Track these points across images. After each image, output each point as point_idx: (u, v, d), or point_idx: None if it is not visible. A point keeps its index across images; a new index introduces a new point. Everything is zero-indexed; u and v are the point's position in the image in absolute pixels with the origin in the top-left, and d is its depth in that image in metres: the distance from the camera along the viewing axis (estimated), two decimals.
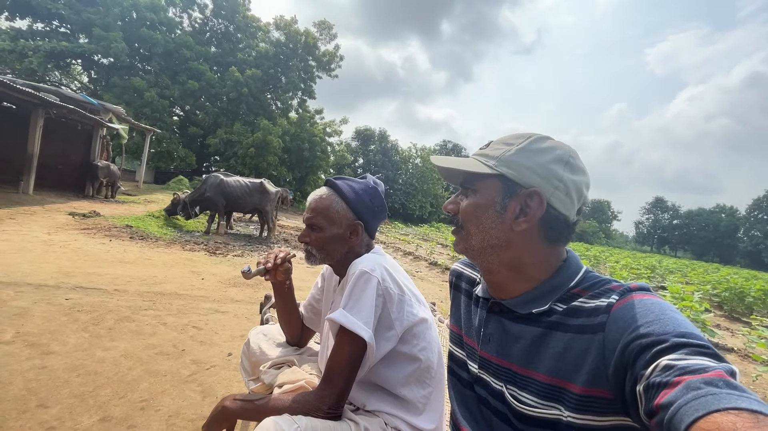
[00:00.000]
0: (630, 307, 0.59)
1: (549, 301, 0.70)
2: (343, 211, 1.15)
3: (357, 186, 1.18)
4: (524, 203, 0.70)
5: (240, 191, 8.77)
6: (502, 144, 0.74)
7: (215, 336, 2.92)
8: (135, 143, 19.96)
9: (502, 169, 0.71)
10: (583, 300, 0.67)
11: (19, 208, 7.59)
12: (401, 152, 40.05)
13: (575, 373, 0.62)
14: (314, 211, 1.16)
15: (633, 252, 40.30)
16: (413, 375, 1.09)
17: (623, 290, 0.64)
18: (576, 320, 0.65)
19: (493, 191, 0.72)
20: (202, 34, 26.73)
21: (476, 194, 0.75)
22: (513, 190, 0.71)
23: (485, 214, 0.73)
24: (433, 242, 14.09)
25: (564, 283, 0.71)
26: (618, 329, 0.58)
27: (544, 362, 0.67)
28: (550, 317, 0.69)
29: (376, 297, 1.01)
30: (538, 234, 0.72)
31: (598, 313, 0.63)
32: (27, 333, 2.48)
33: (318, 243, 1.16)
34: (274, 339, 1.45)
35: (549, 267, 0.73)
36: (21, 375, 2.00)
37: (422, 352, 1.09)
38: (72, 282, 3.66)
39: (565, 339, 0.65)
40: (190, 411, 1.90)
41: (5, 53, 18.70)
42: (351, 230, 1.16)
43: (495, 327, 0.78)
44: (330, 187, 1.18)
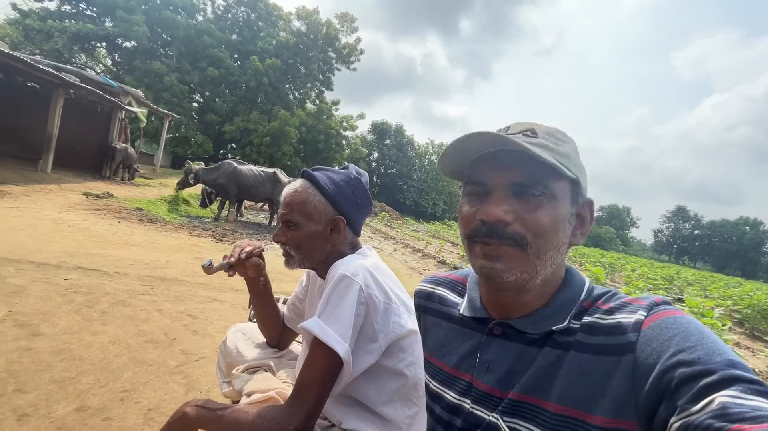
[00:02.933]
0: (664, 326, 0.50)
1: (567, 316, 0.58)
2: (321, 206, 1.02)
3: (337, 177, 1.05)
4: (578, 214, 0.61)
5: (253, 180, 8.74)
6: (556, 138, 0.59)
7: (209, 326, 2.85)
8: (154, 127, 20.26)
9: (578, 173, 0.58)
10: (599, 316, 0.56)
11: (36, 185, 7.72)
12: (417, 147, 39.72)
13: (594, 402, 0.51)
14: (289, 206, 1.03)
15: (650, 261, 39.24)
16: (398, 392, 0.97)
17: (650, 304, 0.54)
18: (593, 338, 0.54)
19: (567, 198, 0.59)
20: (224, 20, 26.91)
21: (554, 201, 0.56)
22: (578, 199, 0.60)
23: (563, 227, 0.58)
24: (443, 240, 13.91)
25: (575, 296, 0.60)
26: (653, 352, 0.48)
27: (555, 389, 0.54)
28: (568, 336, 0.57)
29: (357, 306, 0.89)
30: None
31: (624, 331, 0.52)
32: (19, 313, 2.44)
33: (295, 242, 1.03)
34: (253, 339, 1.34)
35: (557, 278, 0.63)
36: (4, 356, 1.96)
37: (409, 368, 0.97)
38: (74, 263, 3.65)
39: (582, 361, 0.53)
40: (171, 405, 1.81)
41: (34, 32, 19.15)
42: (332, 226, 1.03)
43: (496, 353, 0.63)
44: (306, 179, 1.05)
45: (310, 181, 1.05)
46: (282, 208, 1.05)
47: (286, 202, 1.04)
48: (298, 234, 1.02)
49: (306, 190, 1.03)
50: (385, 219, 19.46)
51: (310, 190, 1.03)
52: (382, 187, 37.93)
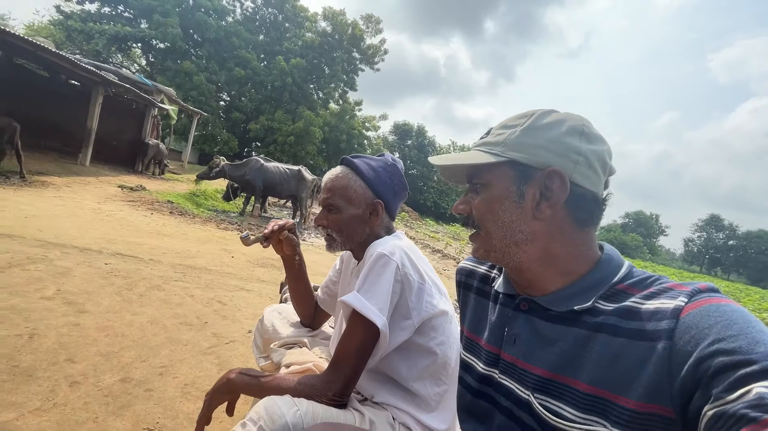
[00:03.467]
0: (705, 314, 0.49)
1: (592, 297, 0.60)
2: (361, 190, 1.08)
3: (375, 163, 1.11)
4: (543, 186, 0.62)
5: (278, 177, 8.95)
6: (503, 128, 0.66)
7: (238, 312, 2.97)
8: (182, 125, 20.97)
9: (510, 154, 0.63)
10: (636, 300, 0.56)
11: (76, 177, 8.16)
12: (438, 149, 39.53)
13: (627, 385, 0.52)
14: (331, 191, 1.10)
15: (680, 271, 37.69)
16: (428, 370, 1.01)
17: (692, 291, 0.53)
18: (629, 323, 0.55)
19: (506, 180, 0.64)
20: (252, 22, 27.56)
21: (487, 188, 0.66)
22: (528, 175, 0.63)
23: (502, 206, 0.65)
24: (464, 241, 13.83)
25: (607, 278, 0.61)
26: (691, 339, 0.48)
27: (585, 369, 0.57)
28: (596, 317, 0.58)
29: (394, 283, 0.94)
30: (566, 218, 0.63)
31: (661, 317, 0.52)
32: (66, 292, 2.62)
33: (336, 225, 1.09)
34: (288, 318, 1.41)
35: (586, 258, 0.64)
36: (56, 329, 2.11)
37: (440, 347, 1.01)
38: (113, 249, 3.86)
39: (615, 345, 0.55)
40: (206, 382, 1.92)
41: (75, 33, 20.18)
42: (371, 210, 1.09)
43: (522, 326, 0.67)
44: (346, 165, 1.12)
45: (350, 167, 1.11)
46: (323, 193, 1.12)
47: (328, 187, 1.10)
48: (340, 218, 1.08)
49: (347, 175, 1.09)
50: (405, 220, 19.47)
51: (350, 175, 1.09)
52: None
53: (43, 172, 7.69)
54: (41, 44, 7.90)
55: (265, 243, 1.20)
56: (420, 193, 36.89)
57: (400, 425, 0.98)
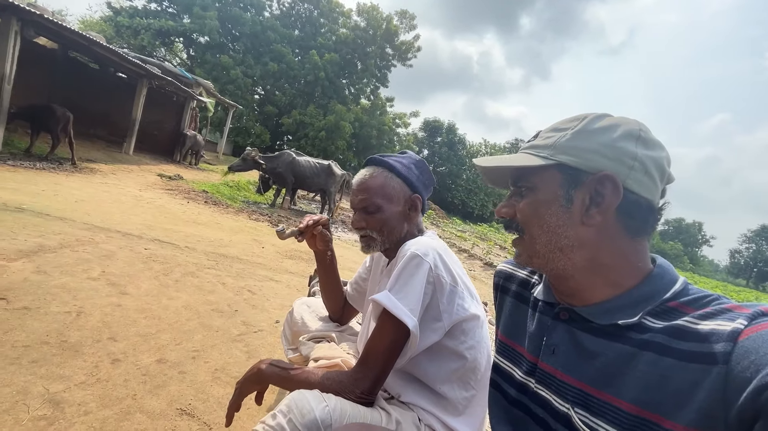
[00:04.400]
0: (767, 339, 0.45)
1: (638, 313, 0.57)
2: (399, 186, 1.08)
3: (405, 160, 1.12)
4: (594, 191, 0.59)
5: (309, 171, 9.10)
6: (553, 131, 0.64)
7: (266, 302, 3.05)
8: (218, 117, 21.69)
9: (560, 157, 0.61)
10: (689, 320, 0.53)
11: (121, 165, 8.63)
12: (469, 147, 38.88)
13: (676, 408, 0.49)
14: (367, 192, 1.08)
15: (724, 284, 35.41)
16: (456, 373, 1.00)
17: (754, 314, 0.49)
18: (680, 343, 0.51)
19: (554, 184, 0.62)
20: (288, 17, 28.02)
21: (534, 191, 0.65)
22: (578, 179, 0.61)
23: (548, 210, 0.63)
24: (491, 242, 13.57)
25: (657, 293, 0.57)
26: (750, 365, 0.44)
27: (630, 388, 0.54)
28: (642, 334, 0.55)
29: (426, 284, 0.93)
30: (616, 226, 0.60)
31: (717, 340, 0.48)
32: (110, 274, 2.78)
33: (377, 225, 1.08)
34: (317, 312, 1.44)
35: (636, 270, 0.60)
36: (100, 309, 2.24)
37: (469, 351, 0.99)
38: (152, 235, 4.05)
39: (663, 365, 0.52)
40: (235, 368, 1.98)
41: (123, 29, 21.26)
42: (410, 205, 1.09)
43: (562, 337, 0.65)
44: (377, 165, 1.11)
45: (381, 166, 1.11)
46: (358, 195, 1.10)
47: (363, 188, 1.09)
48: (381, 217, 1.07)
49: (381, 173, 1.09)
50: (432, 218, 19.32)
51: (385, 173, 1.09)
52: None
53: (92, 160, 8.19)
54: (94, 38, 8.38)
55: (300, 238, 1.22)
56: (448, 191, 36.47)
57: (426, 427, 0.97)
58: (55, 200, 4.51)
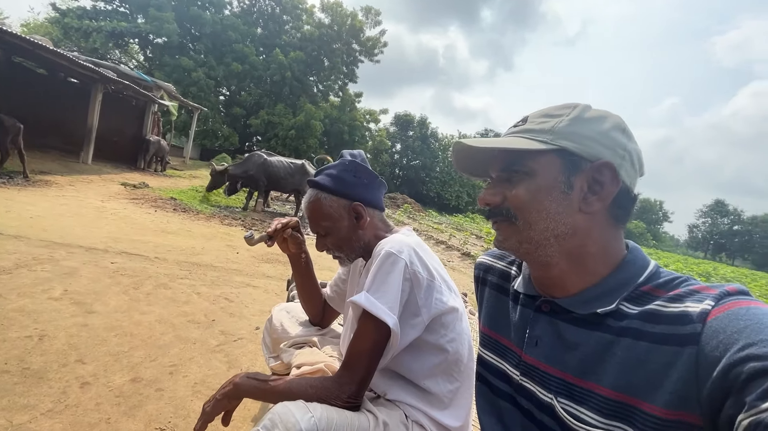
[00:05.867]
0: (734, 317, 0.47)
1: (616, 299, 0.58)
2: (334, 203, 1.08)
3: (335, 170, 1.10)
4: (591, 179, 0.60)
5: (282, 171, 8.91)
6: (545, 116, 0.63)
7: (245, 309, 2.97)
8: (183, 121, 20.92)
9: (561, 142, 0.59)
10: (661, 303, 0.54)
11: (79, 176, 8.16)
12: (441, 139, 39.28)
13: (652, 391, 0.50)
14: (311, 218, 1.11)
15: (684, 258, 37.56)
16: (440, 367, 1.00)
17: (720, 294, 0.51)
18: (654, 327, 0.53)
19: (554, 169, 0.61)
20: (249, 14, 27.28)
21: (532, 176, 0.62)
22: (578, 165, 0.60)
23: (549, 196, 0.61)
24: (468, 233, 13.81)
25: (632, 279, 0.59)
26: (719, 344, 0.46)
27: (609, 374, 0.55)
28: (620, 321, 0.56)
29: (403, 281, 0.92)
30: (606, 214, 0.61)
31: (687, 321, 0.50)
32: (74, 292, 2.62)
33: (335, 244, 1.10)
34: (297, 317, 1.40)
35: (612, 257, 0.62)
36: (65, 330, 2.12)
37: (451, 344, 1.00)
38: (118, 248, 3.86)
39: (639, 349, 0.53)
40: (215, 380, 1.92)
41: (72, 31, 20.04)
42: (354, 215, 1.08)
43: (545, 329, 0.66)
44: (311, 188, 1.11)
45: (315, 187, 1.10)
46: (308, 221, 1.13)
47: (308, 215, 1.11)
48: (333, 238, 1.09)
49: (315, 196, 1.09)
50: (408, 212, 19.44)
51: (318, 195, 1.08)
52: (405, 179, 37.80)
53: (46, 172, 7.70)
54: (39, 42, 7.85)
55: (270, 242, 1.19)
56: (423, 184, 36.77)
57: (414, 423, 0.97)
58: (7, 217, 4.21)
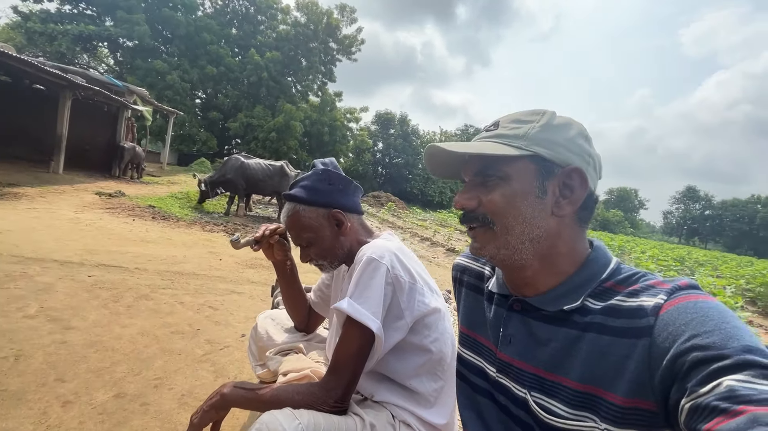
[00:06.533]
0: (683, 311, 0.51)
1: (581, 296, 0.61)
2: (313, 213, 1.09)
3: (309, 182, 1.12)
4: (562, 184, 0.63)
5: (261, 173, 8.80)
6: (516, 122, 0.65)
7: (230, 316, 2.94)
8: (158, 125, 20.39)
9: (535, 148, 0.62)
10: (620, 298, 0.58)
11: (50, 186, 7.87)
12: (422, 136, 39.47)
13: (613, 381, 0.54)
14: (293, 230, 1.12)
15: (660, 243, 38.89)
16: (424, 367, 1.02)
17: (672, 289, 0.54)
18: (615, 321, 0.57)
19: (529, 175, 0.63)
20: (223, 15, 26.76)
21: (507, 181, 0.63)
22: (550, 171, 0.63)
23: (525, 201, 0.63)
24: (452, 228, 13.95)
25: (595, 276, 0.62)
26: (668, 336, 0.50)
27: (575, 367, 0.59)
28: (584, 317, 0.60)
29: (385, 286, 0.94)
30: (573, 216, 0.64)
31: (642, 315, 0.54)
32: (50, 308, 2.54)
33: (318, 254, 1.11)
34: (282, 324, 1.41)
35: (578, 256, 0.65)
36: (42, 349, 2.05)
37: (434, 344, 1.02)
38: (95, 260, 3.76)
39: (601, 343, 0.57)
40: (202, 391, 1.90)
41: (36, 35, 19.23)
42: (335, 222, 1.10)
43: (517, 327, 0.69)
44: (289, 201, 1.13)
45: (291, 201, 1.12)
46: (290, 234, 1.15)
47: (289, 228, 1.13)
48: (316, 248, 1.10)
49: (293, 209, 1.10)
50: (392, 209, 19.48)
51: (296, 207, 1.10)
52: (388, 178, 37.87)
53: (14, 183, 7.39)
54: (0, 49, 7.51)
55: (256, 247, 1.20)
56: (406, 182, 36.90)
57: (401, 423, 0.99)
58: None
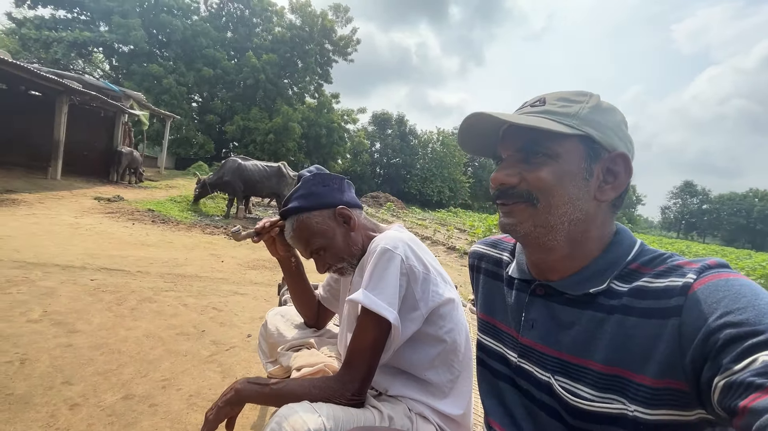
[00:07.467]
0: (713, 289, 0.50)
1: (607, 279, 0.60)
2: (320, 217, 1.07)
3: (303, 190, 1.10)
4: (606, 169, 0.62)
5: (258, 175, 8.79)
6: (565, 101, 0.62)
7: (235, 317, 2.93)
8: (155, 130, 20.32)
9: (587, 129, 0.60)
10: (647, 280, 0.57)
11: (48, 192, 7.83)
12: (419, 136, 39.47)
13: (642, 363, 0.53)
14: (301, 242, 1.09)
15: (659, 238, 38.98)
16: (439, 357, 1.01)
17: (701, 267, 0.53)
18: (641, 302, 0.56)
19: (578, 155, 0.61)
20: (219, 18, 26.73)
21: (556, 160, 0.61)
22: (598, 154, 0.61)
23: (572, 181, 0.61)
24: (451, 227, 13.94)
25: (620, 258, 0.61)
26: (699, 314, 0.49)
27: (600, 349, 0.58)
28: (611, 299, 0.59)
29: (400, 276, 0.93)
30: (609, 202, 0.63)
31: (671, 295, 0.53)
32: (54, 312, 2.53)
33: (334, 258, 1.08)
34: (292, 321, 1.40)
35: (605, 239, 0.64)
36: (48, 352, 2.04)
37: (449, 334, 1.02)
38: (97, 264, 3.74)
39: (627, 324, 0.56)
40: (210, 391, 1.89)
41: (31, 42, 19.15)
42: (341, 220, 1.09)
43: (540, 311, 0.68)
44: (290, 215, 1.09)
45: (293, 214, 1.09)
46: (301, 248, 1.11)
47: (298, 243, 1.10)
48: (332, 251, 1.08)
49: (296, 220, 1.07)
50: (391, 209, 19.48)
51: (299, 217, 1.07)
52: (386, 178, 37.84)
53: (12, 190, 7.35)
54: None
55: (256, 239, 1.18)
56: (404, 182, 36.88)
57: (417, 415, 0.98)
58: None
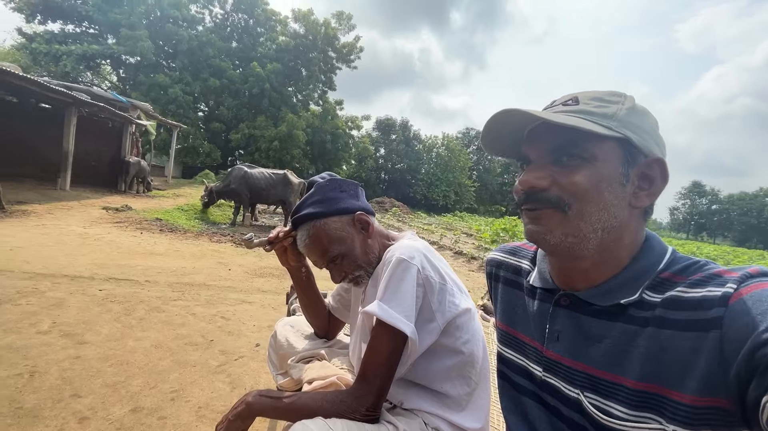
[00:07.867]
0: (757, 299, 0.46)
1: (639, 289, 0.56)
2: (337, 223, 1.03)
3: (318, 196, 1.06)
4: (642, 174, 0.58)
5: (264, 183, 8.83)
6: (600, 101, 0.58)
7: (243, 326, 2.91)
8: (162, 139, 20.56)
9: (626, 132, 0.55)
10: (682, 289, 0.53)
11: (57, 203, 7.92)
12: (424, 141, 39.51)
13: (679, 379, 0.49)
14: (316, 251, 1.04)
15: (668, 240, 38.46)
16: (455, 369, 0.98)
17: (742, 276, 0.49)
18: (676, 314, 0.52)
19: (616, 159, 0.56)
20: (224, 29, 27.10)
21: (593, 163, 0.56)
22: (635, 158, 0.57)
23: (609, 187, 0.56)
24: (458, 231, 13.87)
25: (652, 266, 0.57)
26: (744, 327, 0.45)
27: (635, 365, 0.54)
28: (643, 311, 0.55)
29: (416, 287, 0.90)
30: (642, 209, 0.59)
31: (710, 305, 0.49)
32: (63, 323, 2.53)
33: (351, 266, 1.03)
34: (302, 331, 1.37)
35: (635, 247, 0.60)
36: (57, 364, 2.03)
37: (466, 345, 0.98)
38: (105, 274, 3.75)
39: (662, 337, 0.52)
40: (219, 403, 1.87)
41: (41, 56, 19.53)
42: (359, 226, 1.05)
43: (565, 323, 0.64)
44: (305, 222, 1.05)
45: (308, 221, 1.05)
46: (316, 257, 1.06)
47: (312, 251, 1.05)
48: (349, 259, 1.03)
49: (312, 227, 1.03)
50: (397, 215, 19.45)
51: (315, 224, 1.03)
52: (391, 183, 37.85)
53: (23, 201, 7.45)
54: (7, 69, 7.62)
55: (268, 248, 1.16)
56: (409, 187, 36.86)
57: (433, 430, 0.95)
58: None
